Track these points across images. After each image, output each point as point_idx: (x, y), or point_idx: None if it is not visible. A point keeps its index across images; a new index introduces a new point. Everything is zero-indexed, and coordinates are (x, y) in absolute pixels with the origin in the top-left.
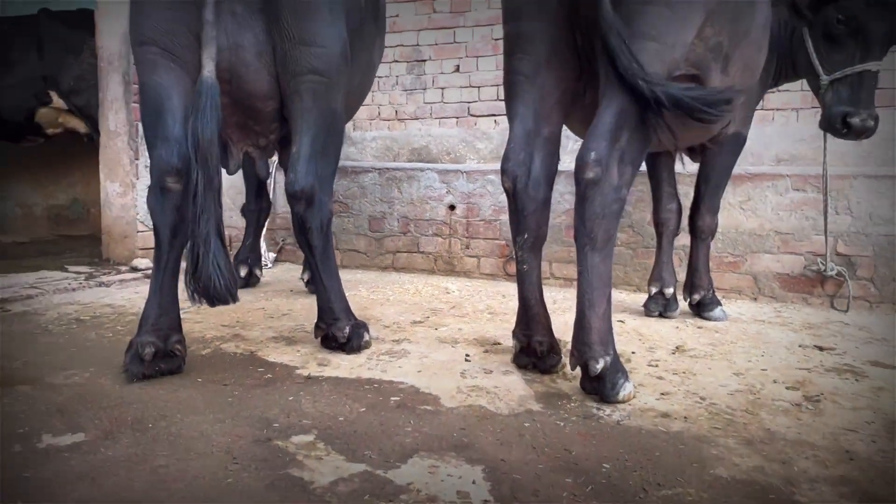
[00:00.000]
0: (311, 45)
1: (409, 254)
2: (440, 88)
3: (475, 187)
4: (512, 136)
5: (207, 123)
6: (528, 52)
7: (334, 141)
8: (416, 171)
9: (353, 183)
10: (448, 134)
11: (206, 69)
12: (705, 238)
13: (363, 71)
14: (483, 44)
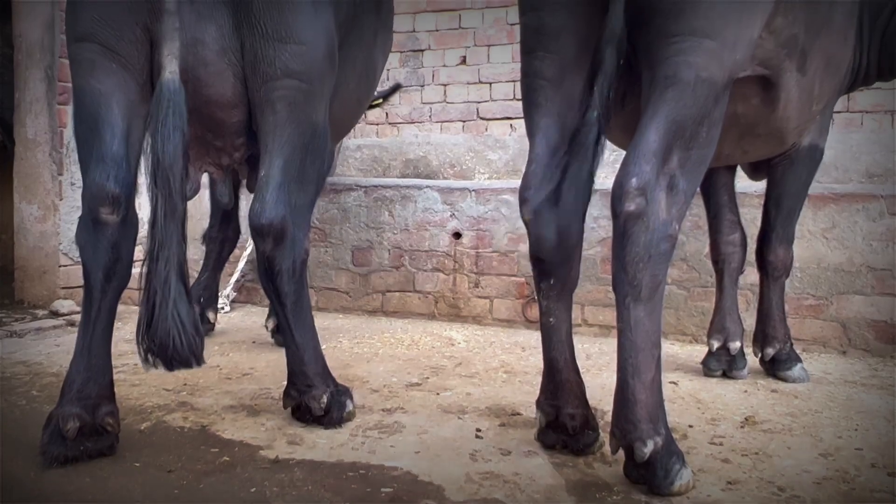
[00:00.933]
0: (288, 41)
1: (403, 294)
2: (442, 85)
3: (486, 210)
4: (533, 157)
5: (170, 137)
6: (551, 49)
7: (315, 163)
8: (412, 189)
9: (331, 204)
10: (452, 142)
11: (167, 69)
12: (779, 276)
13: (360, 74)
14: (496, 30)
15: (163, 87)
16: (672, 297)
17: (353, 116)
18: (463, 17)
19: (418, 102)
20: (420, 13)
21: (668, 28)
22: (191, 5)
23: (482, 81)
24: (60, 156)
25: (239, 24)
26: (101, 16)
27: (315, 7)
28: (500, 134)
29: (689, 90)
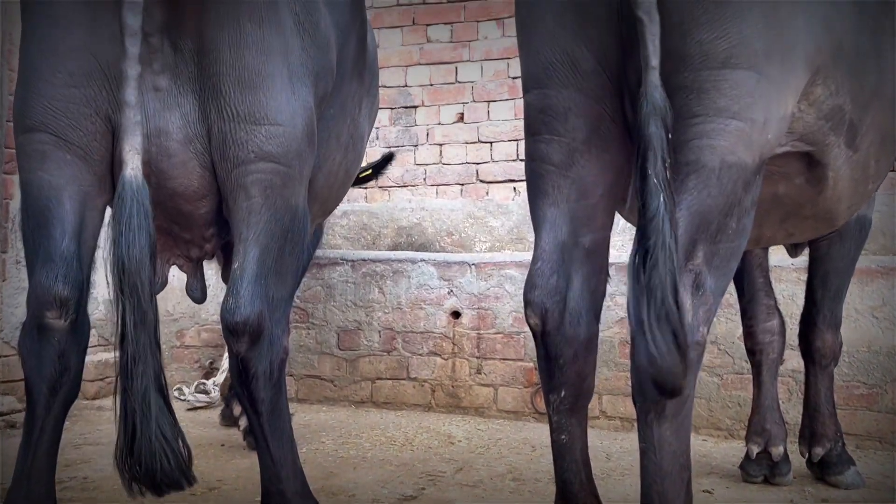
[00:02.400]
0: (262, 122)
1: (396, 381)
2: (437, 144)
3: (488, 286)
4: (539, 252)
5: (135, 239)
6: (557, 132)
7: (294, 251)
8: (405, 263)
9: (314, 280)
10: (449, 207)
11: (128, 166)
12: (827, 364)
13: (345, 146)
14: (496, 84)
15: (125, 186)
16: (703, 385)
17: (339, 191)
18: (460, 70)
19: (411, 164)
20: (412, 66)
21: (690, 107)
22: (155, 94)
23: (482, 140)
24: (5, 231)
25: (206, 108)
26: (55, 106)
27: (292, 84)
28: (503, 198)
29: (714, 177)
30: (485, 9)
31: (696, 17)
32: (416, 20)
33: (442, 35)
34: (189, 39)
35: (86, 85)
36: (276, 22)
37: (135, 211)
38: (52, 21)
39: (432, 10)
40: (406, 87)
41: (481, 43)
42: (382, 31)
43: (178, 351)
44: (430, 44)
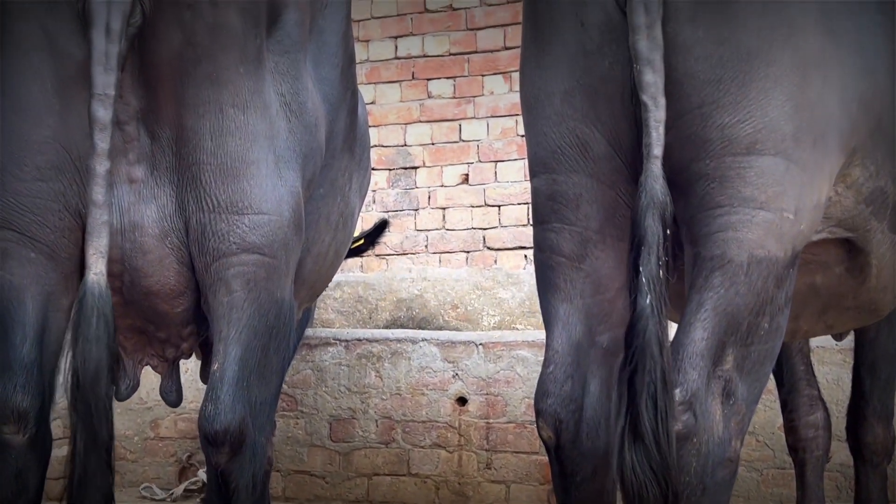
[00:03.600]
0: (246, 211)
1: (395, 478)
2: (440, 208)
3: (498, 369)
4: (551, 356)
5: (91, 352)
6: (568, 220)
7: (279, 349)
8: (405, 342)
9: (304, 363)
10: (453, 277)
11: (92, 270)
12: (879, 462)
13: (335, 225)
14: (503, 143)
15: (86, 292)
16: (741, 481)
17: (329, 272)
18: (464, 127)
19: (411, 230)
20: (412, 123)
21: (713, 197)
22: (129, 186)
23: (488, 204)
24: None
25: (184, 199)
26: (21, 202)
27: (278, 169)
28: (512, 267)
29: (742, 273)
30: (490, 62)
31: (716, 100)
32: (415, 74)
33: (444, 90)
34: (167, 127)
35: (55, 179)
36: (262, 105)
37: (94, 321)
38: (20, 111)
39: (433, 63)
40: (405, 147)
41: (487, 98)
42: (379, 86)
43: (152, 443)
44: (431, 99)
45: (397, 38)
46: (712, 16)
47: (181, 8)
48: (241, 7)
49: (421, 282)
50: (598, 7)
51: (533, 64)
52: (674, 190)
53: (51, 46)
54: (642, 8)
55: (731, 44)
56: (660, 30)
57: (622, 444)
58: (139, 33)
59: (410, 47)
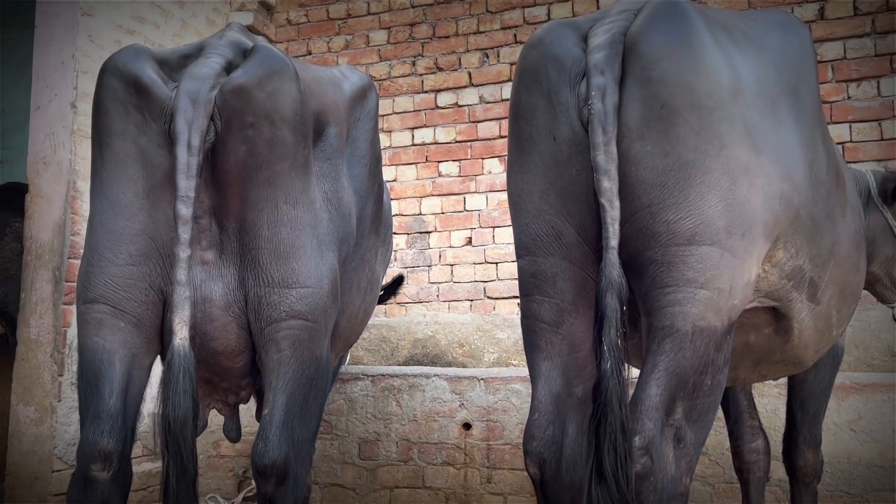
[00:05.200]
0: (293, 286)
1: (413, 490)
2: (448, 265)
3: (496, 399)
4: (535, 405)
5: (180, 403)
6: (548, 293)
7: (317, 396)
8: (420, 378)
9: (338, 394)
10: (460, 321)
11: (178, 336)
12: (810, 482)
13: (364, 289)
14: (500, 212)
15: (174, 354)
16: (696, 494)
17: (360, 327)
18: (467, 200)
19: (426, 282)
20: (426, 197)
21: (662, 278)
22: (202, 267)
23: (488, 261)
24: (62, 356)
25: (245, 276)
26: (115, 282)
27: (320, 251)
28: (508, 313)
29: (688, 341)
30: (488, 147)
31: (662, 201)
32: (428, 158)
33: (452, 170)
34: (233, 220)
35: (143, 264)
36: (308, 201)
37: (181, 377)
38: (117, 210)
39: (443, 149)
40: (420, 215)
41: (486, 177)
42: (400, 167)
43: (214, 460)
44: (441, 177)
45: (414, 128)
46: (657, 134)
47: (245, 127)
48: (293, 125)
49: (433, 325)
50: (567, 126)
51: (516, 168)
52: (630, 272)
53: (143, 159)
54: (601, 129)
55: (673, 156)
56: (615, 146)
57: (590, 482)
58: (212, 147)
59: (425, 136)
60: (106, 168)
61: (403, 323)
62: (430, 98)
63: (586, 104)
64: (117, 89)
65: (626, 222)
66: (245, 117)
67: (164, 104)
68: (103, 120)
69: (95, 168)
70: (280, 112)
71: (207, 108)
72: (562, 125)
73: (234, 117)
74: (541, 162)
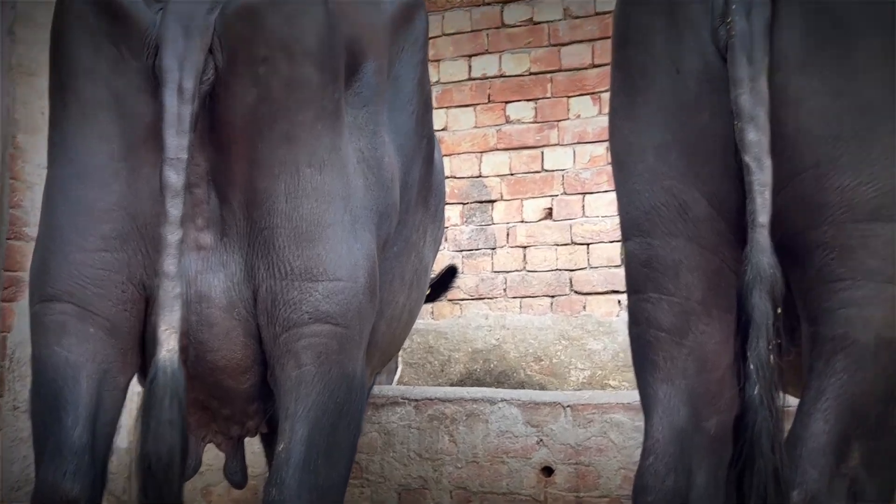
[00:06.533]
0: (320, 278)
1: None
2: (520, 247)
3: (588, 435)
4: (650, 445)
5: (166, 436)
6: (667, 290)
7: (349, 427)
8: (482, 403)
9: (370, 424)
10: (536, 325)
11: (164, 347)
12: None
13: (409, 284)
14: (592, 172)
15: (159, 371)
16: None
17: (402, 335)
18: (546, 155)
19: (488, 271)
20: (488, 152)
21: (832, 268)
22: (197, 254)
23: (576, 242)
24: (1, 370)
25: (254, 266)
26: (83, 273)
27: (354, 231)
28: (604, 314)
29: (869, 357)
30: (576, 81)
31: (835, 159)
32: (491, 97)
33: (524, 114)
34: (238, 189)
35: (119, 249)
36: (339, 164)
37: (167, 403)
38: (84, 177)
39: (511, 84)
40: (480, 178)
41: (572, 123)
42: (451, 110)
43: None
44: (509, 125)
45: (471, 56)
46: (827, 64)
47: (255, 62)
48: (318, 60)
49: (499, 330)
50: (696, 53)
51: (623, 115)
52: (787, 259)
53: (119, 108)
54: (745, 58)
55: (849, 96)
56: (765, 82)
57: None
58: (211, 91)
59: (486, 67)
60: (69, 121)
61: (457, 327)
62: (495, 13)
63: (724, 23)
64: (83, 13)
65: (782, 190)
66: (255, 49)
67: (147, 33)
68: (65, 55)
69: (55, 121)
70: (302, 42)
71: (204, 38)
72: (689, 52)
73: (241, 50)
74: (658, 105)
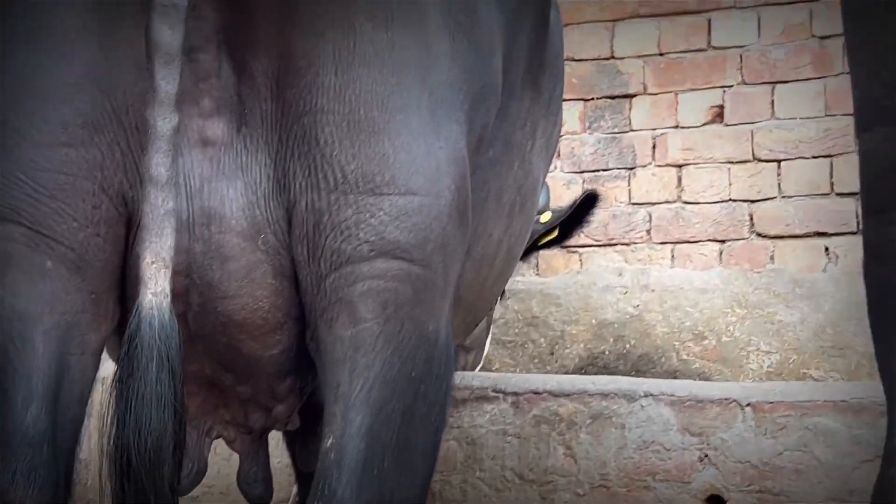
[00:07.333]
0: (386, 190)
1: None
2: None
3: (780, 447)
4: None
5: (153, 417)
6: None
7: (429, 414)
8: (615, 398)
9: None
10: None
11: (150, 289)
12: None
13: (510, 207)
14: (785, 51)
15: (141, 325)
16: None
17: (497, 284)
18: (714, 27)
19: (623, 201)
20: (623, 21)
21: None
22: (202, 150)
23: (759, 158)
24: None
25: (287, 172)
26: (35, 179)
27: (435, 121)
28: (803, 268)
29: None
30: None
31: None
32: None
33: None
34: (264, 55)
35: (88, 143)
36: (415, 18)
37: (154, 369)
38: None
39: None
40: (612, 60)
41: None
42: None
43: None
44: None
45: None
46: None
47: None
48: None
49: (639, 292)
50: None
51: None
52: None
53: None
54: None
55: None
56: None
57: None
58: None
59: None
60: None
61: (575, 287)
62: None
63: None
64: None
65: None
66: None
67: None
68: None
69: None
70: None
71: None
72: None
73: None
74: None
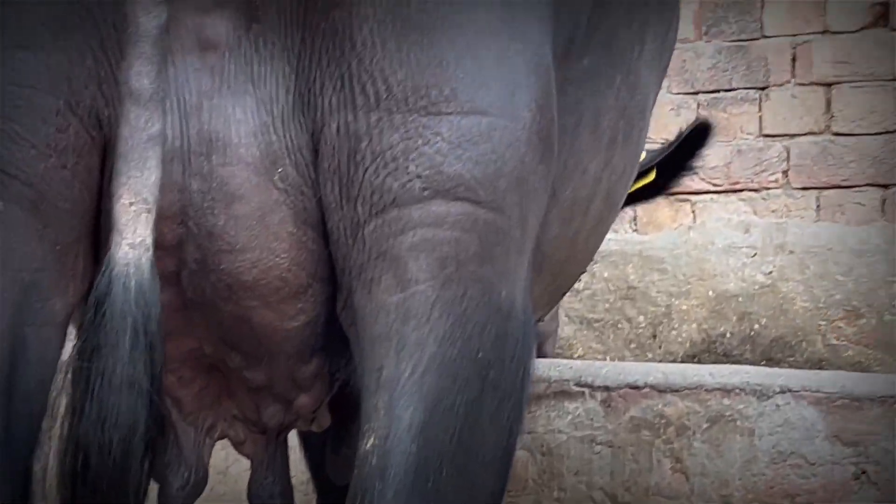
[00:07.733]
0: (444, 109)
1: None
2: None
3: None
4: None
5: (119, 404)
6: None
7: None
8: (742, 395)
9: None
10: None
11: (124, 237)
12: None
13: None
14: None
15: (111, 285)
16: None
17: (592, 241)
18: None
19: (750, 136)
20: None
21: None
22: (199, 58)
23: None
24: None
25: (315, 85)
26: None
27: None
28: None
29: None
30: None
31: None
32: None
33: None
34: None
35: (50, 45)
36: None
37: (126, 345)
38: None
39: None
40: None
41: None
42: None
43: None
44: None
45: None
46: None
47: None
48: None
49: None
50: None
51: None
52: None
53: None
54: None
55: None
56: None
57: None
58: None
59: None
60: None
61: (686, 248)
62: None
63: None
64: None
65: None
66: None
67: None
68: None
69: None
70: None
71: None
72: None
73: None
74: None
